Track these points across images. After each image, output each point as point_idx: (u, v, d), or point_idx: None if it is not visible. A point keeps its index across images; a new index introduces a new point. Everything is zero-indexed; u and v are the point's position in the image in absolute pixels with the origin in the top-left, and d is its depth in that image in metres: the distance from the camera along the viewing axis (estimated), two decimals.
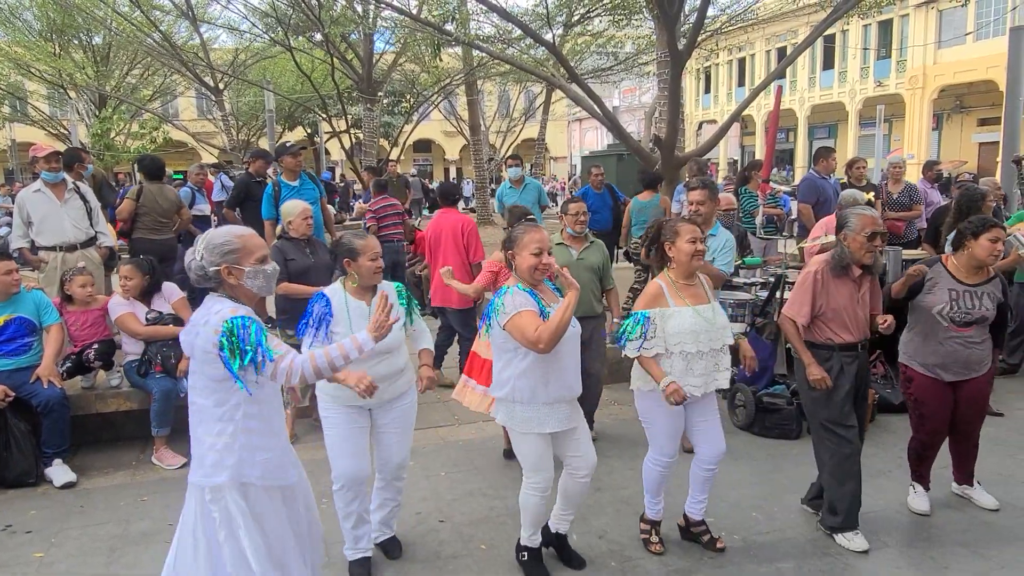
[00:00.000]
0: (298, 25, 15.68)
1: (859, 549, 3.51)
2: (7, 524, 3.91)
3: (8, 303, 4.49)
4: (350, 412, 3.23)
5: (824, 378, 3.51)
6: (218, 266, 2.40)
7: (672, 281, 3.41)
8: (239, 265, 2.42)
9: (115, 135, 20.05)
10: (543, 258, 3.07)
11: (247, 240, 2.47)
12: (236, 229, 2.54)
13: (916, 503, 3.94)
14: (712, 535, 3.60)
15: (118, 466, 4.67)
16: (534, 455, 3.16)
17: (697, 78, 36.53)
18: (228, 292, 2.45)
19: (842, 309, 3.54)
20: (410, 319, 3.37)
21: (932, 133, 28.67)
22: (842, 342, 3.56)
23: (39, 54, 19.65)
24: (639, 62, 18.91)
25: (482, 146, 19.64)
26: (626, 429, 5.14)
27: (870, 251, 3.45)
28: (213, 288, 2.45)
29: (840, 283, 3.54)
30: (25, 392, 4.39)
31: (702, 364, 3.34)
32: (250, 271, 2.44)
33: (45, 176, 5.61)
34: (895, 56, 29.28)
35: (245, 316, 2.35)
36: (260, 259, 2.47)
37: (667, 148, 7.46)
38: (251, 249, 2.45)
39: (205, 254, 2.40)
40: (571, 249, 4.60)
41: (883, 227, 3.51)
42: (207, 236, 2.46)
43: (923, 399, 3.82)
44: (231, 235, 2.46)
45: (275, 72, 21.94)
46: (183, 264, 2.58)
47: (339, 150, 18.80)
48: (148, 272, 4.85)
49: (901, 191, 7.92)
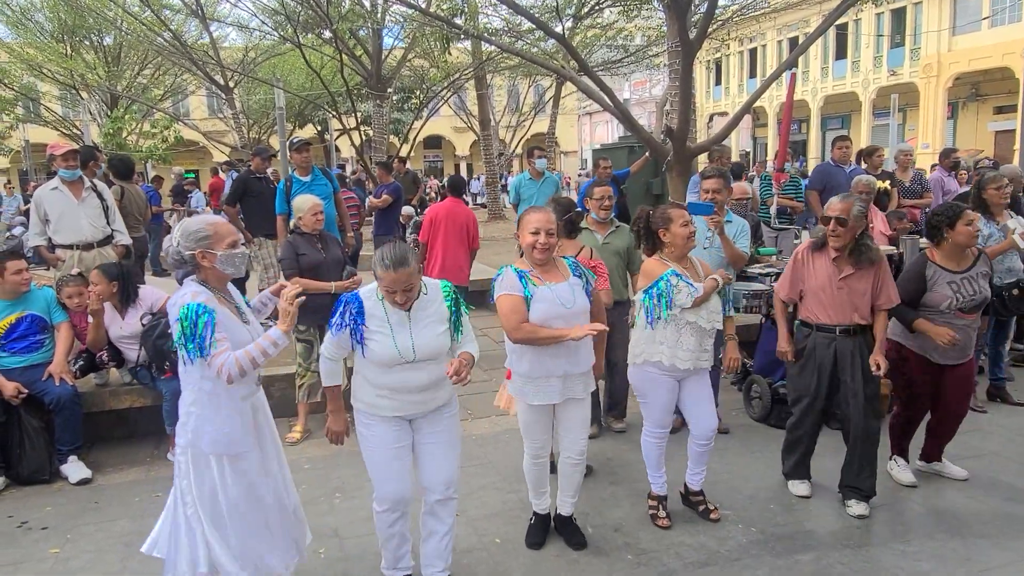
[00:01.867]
0: (307, 22, 15.66)
1: (801, 494, 3.95)
2: (23, 521, 3.92)
3: (19, 301, 4.50)
4: (391, 427, 2.95)
5: (786, 352, 3.91)
6: (193, 251, 2.65)
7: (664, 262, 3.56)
8: (212, 250, 2.67)
9: (127, 135, 20.13)
10: (540, 238, 3.15)
11: (218, 227, 2.72)
12: (209, 217, 2.81)
13: (903, 475, 4.10)
14: (708, 505, 3.76)
15: (132, 462, 4.68)
16: (524, 422, 3.39)
17: (708, 69, 36.31)
18: (201, 276, 2.70)
19: (819, 289, 3.75)
20: (457, 332, 2.98)
21: (947, 122, 28.31)
22: (818, 322, 3.78)
23: (51, 55, 19.77)
24: (649, 54, 18.78)
25: (492, 141, 19.57)
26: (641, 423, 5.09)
27: (831, 234, 3.66)
28: (189, 272, 2.70)
29: (818, 261, 3.78)
30: (37, 389, 4.40)
31: (693, 340, 3.48)
32: (222, 255, 2.68)
33: (62, 174, 5.61)
34: (909, 44, 28.90)
35: (201, 304, 2.57)
36: (231, 244, 2.71)
37: (679, 139, 7.38)
38: (222, 235, 2.70)
39: (181, 241, 2.66)
40: (596, 234, 4.63)
41: (838, 212, 3.63)
42: (182, 224, 2.73)
43: (917, 379, 3.99)
44: (204, 223, 2.72)
45: (285, 70, 21.96)
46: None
47: (349, 147, 18.74)
48: (116, 278, 4.57)
49: (912, 179, 7.82)
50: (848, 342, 3.72)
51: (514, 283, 3.18)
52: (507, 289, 3.18)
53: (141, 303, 4.67)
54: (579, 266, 3.37)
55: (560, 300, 3.17)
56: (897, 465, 4.16)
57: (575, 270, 3.32)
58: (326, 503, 4.03)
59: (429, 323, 2.89)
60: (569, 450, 3.41)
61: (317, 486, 4.23)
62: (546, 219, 3.18)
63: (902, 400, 4.11)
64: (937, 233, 3.87)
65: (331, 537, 3.66)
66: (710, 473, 4.27)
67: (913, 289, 3.89)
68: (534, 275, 3.22)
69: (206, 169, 30.24)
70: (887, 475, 4.13)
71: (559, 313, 3.16)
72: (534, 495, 3.56)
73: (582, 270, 3.35)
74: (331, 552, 3.52)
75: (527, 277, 3.20)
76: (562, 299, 3.18)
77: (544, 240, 3.14)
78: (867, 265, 3.67)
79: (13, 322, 4.47)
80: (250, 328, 2.82)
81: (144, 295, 4.72)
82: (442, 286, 3.01)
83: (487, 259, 10.73)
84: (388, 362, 2.84)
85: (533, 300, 3.16)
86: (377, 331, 2.83)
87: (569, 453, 3.42)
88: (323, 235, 5.01)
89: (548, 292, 3.17)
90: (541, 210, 3.26)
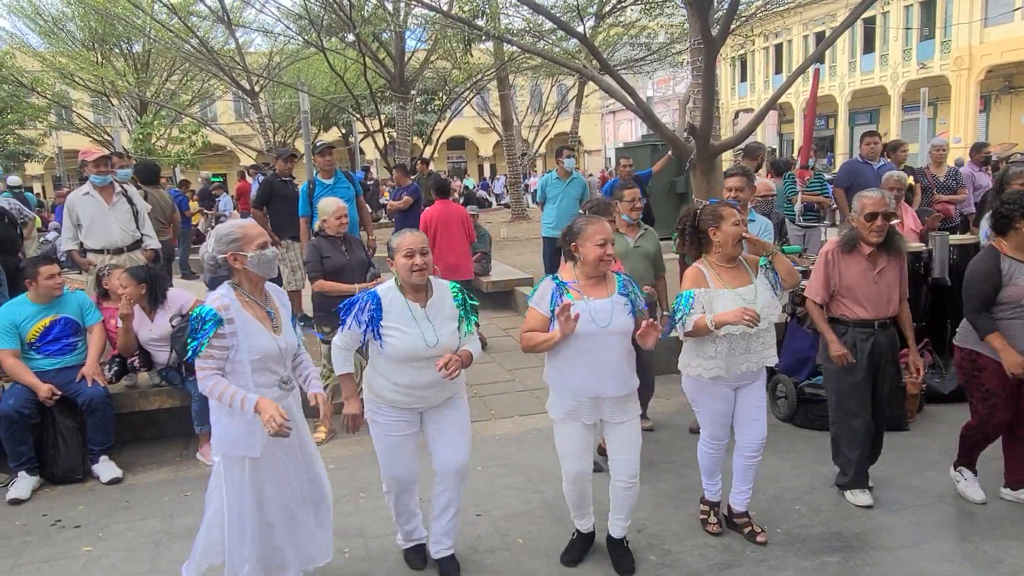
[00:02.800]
0: (331, 26, 15.80)
1: (863, 504, 3.78)
2: (56, 519, 4.01)
3: (53, 304, 4.60)
4: (399, 416, 3.11)
5: (845, 354, 3.69)
6: (224, 254, 2.74)
7: (711, 265, 3.38)
8: (242, 251, 2.75)
9: (156, 140, 20.48)
10: (607, 248, 3.06)
11: (247, 229, 2.80)
12: (238, 221, 2.91)
13: (972, 491, 3.82)
14: (754, 527, 3.54)
15: (161, 462, 4.77)
16: (560, 443, 3.25)
17: (732, 66, 35.94)
18: (235, 279, 2.80)
19: (855, 286, 3.70)
20: (468, 326, 3.13)
21: (980, 115, 27.71)
22: (855, 318, 3.72)
23: (82, 63, 20.19)
24: (672, 51, 18.64)
25: (515, 141, 19.57)
26: (665, 421, 5.08)
27: (874, 231, 3.58)
28: (224, 277, 2.80)
29: (851, 261, 3.70)
30: (71, 391, 4.50)
31: (745, 344, 3.32)
32: (252, 257, 2.76)
33: (94, 179, 5.72)
34: (939, 36, 28.33)
35: (212, 310, 2.66)
36: (260, 245, 2.78)
37: (702, 137, 7.31)
38: (251, 237, 2.78)
39: (214, 245, 2.76)
40: (627, 238, 4.58)
41: (886, 207, 3.57)
42: (216, 230, 2.83)
43: (995, 389, 3.65)
44: (233, 227, 2.81)
45: (309, 74, 22.16)
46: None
47: (373, 149, 18.86)
48: (144, 281, 4.68)
49: (947, 174, 7.67)
50: (884, 335, 3.76)
51: (544, 296, 3.12)
52: (535, 302, 3.17)
53: (170, 305, 4.76)
54: (630, 285, 3.19)
55: (592, 317, 3.03)
56: (964, 478, 3.88)
57: (623, 288, 3.16)
58: (351, 503, 4.06)
59: (445, 320, 3.08)
60: (620, 473, 3.21)
61: (342, 486, 4.26)
62: (609, 230, 3.14)
63: (979, 412, 3.75)
64: (1007, 224, 3.54)
65: (356, 536, 3.69)
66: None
67: (989, 288, 3.55)
68: (575, 288, 3.10)
69: (233, 173, 30.63)
70: (922, 477, 4.07)
71: (589, 330, 3.02)
72: (574, 513, 3.40)
73: (631, 289, 3.18)
74: (355, 551, 3.55)
75: (567, 289, 3.09)
76: (596, 316, 3.04)
77: (610, 251, 3.07)
78: (896, 255, 3.71)
79: (47, 325, 4.57)
80: (279, 338, 2.84)
81: (173, 297, 4.81)
82: (450, 286, 3.18)
83: (510, 259, 10.75)
84: (408, 356, 2.97)
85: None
86: (396, 326, 2.97)
87: (620, 476, 3.21)
88: (347, 237, 5.05)
89: (583, 306, 3.04)
90: (602, 221, 3.15)
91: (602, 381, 3.07)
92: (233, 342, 2.70)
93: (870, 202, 3.60)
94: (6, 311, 4.54)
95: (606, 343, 3.05)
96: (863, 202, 3.62)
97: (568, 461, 3.22)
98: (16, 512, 4.12)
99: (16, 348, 4.46)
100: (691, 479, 4.21)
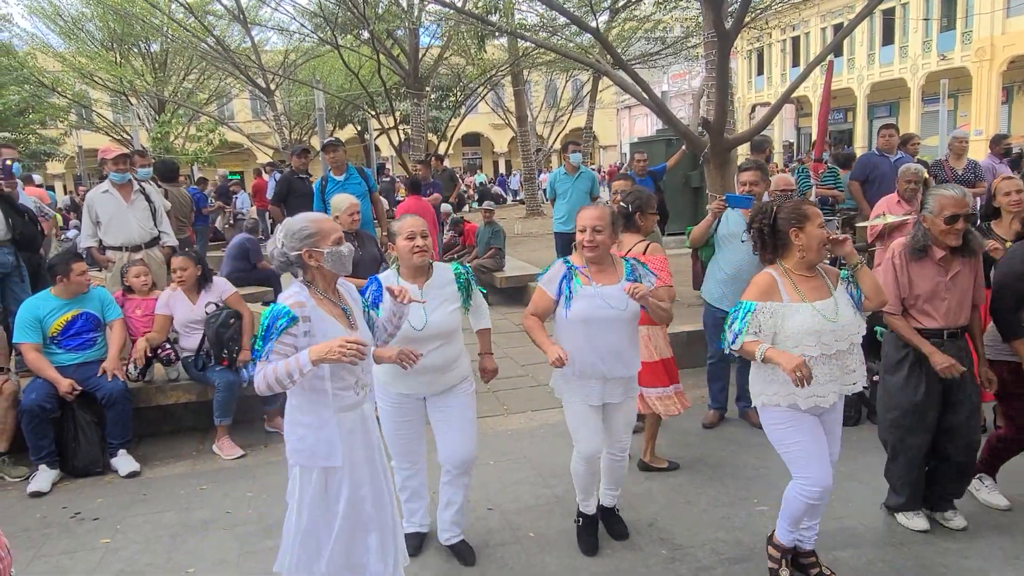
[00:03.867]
0: (345, 23, 15.86)
1: (920, 528, 3.48)
2: (76, 512, 4.08)
3: (74, 300, 4.67)
4: (401, 402, 3.25)
5: (953, 364, 3.23)
6: (299, 251, 2.53)
7: (787, 272, 2.94)
8: (318, 248, 2.55)
9: (174, 138, 20.72)
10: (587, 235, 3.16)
11: (322, 224, 2.59)
12: (311, 215, 2.66)
13: (994, 498, 3.73)
14: (823, 570, 3.13)
15: (178, 456, 4.83)
16: (572, 423, 3.30)
17: (749, 59, 35.65)
18: (307, 276, 2.59)
19: (925, 293, 3.33)
20: (466, 305, 3.27)
21: (1002, 107, 27.29)
22: (921, 328, 3.36)
23: (101, 63, 20.44)
24: (688, 45, 18.53)
25: (529, 137, 19.55)
26: (675, 418, 5.01)
27: (953, 234, 3.20)
28: (294, 273, 2.61)
29: (921, 266, 3.33)
30: (91, 385, 4.57)
31: (827, 369, 2.86)
32: (328, 253, 2.56)
33: (113, 177, 5.79)
34: (960, 27, 27.90)
35: (286, 308, 2.45)
36: (336, 241, 2.58)
37: (716, 131, 7.27)
38: (327, 232, 2.57)
39: (286, 241, 2.54)
40: None
41: (968, 208, 3.20)
42: (286, 224, 2.59)
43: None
44: (307, 221, 2.59)
45: (324, 71, 22.30)
46: None
47: (388, 146, 18.92)
48: (199, 263, 4.96)
49: (965, 167, 7.56)
50: (954, 346, 3.36)
51: (553, 279, 3.21)
52: (543, 283, 3.27)
53: (212, 290, 4.97)
54: (638, 268, 3.22)
55: (606, 301, 3.10)
56: (985, 486, 3.77)
57: (631, 273, 3.19)
58: None
59: (442, 302, 3.17)
60: (612, 447, 3.40)
61: None
62: (594, 216, 3.13)
63: (1018, 424, 3.60)
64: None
65: None
66: (749, 468, 4.24)
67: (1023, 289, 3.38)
68: (584, 272, 3.18)
69: (250, 170, 30.90)
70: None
71: (603, 315, 3.10)
72: (581, 495, 3.46)
73: (640, 273, 3.20)
74: None
75: (577, 274, 3.18)
76: (609, 301, 3.11)
77: (591, 237, 3.11)
78: (972, 257, 3.34)
79: (69, 320, 4.64)
80: (357, 334, 2.83)
81: (216, 283, 5.04)
82: (453, 267, 3.29)
83: (524, 255, 10.76)
84: (402, 336, 3.01)
85: (575, 298, 3.14)
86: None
87: (612, 450, 3.41)
88: (360, 233, 5.11)
89: (592, 291, 3.13)
90: (593, 207, 3.24)
91: (612, 362, 3.17)
92: (307, 342, 2.46)
93: (951, 202, 3.18)
94: (30, 305, 4.62)
95: (617, 327, 3.15)
96: (942, 202, 3.20)
97: (581, 439, 3.27)
98: (37, 504, 4.20)
99: (39, 342, 4.54)
100: (702, 474, 4.21)
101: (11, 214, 5.40)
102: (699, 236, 4.71)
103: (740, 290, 4.68)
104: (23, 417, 4.39)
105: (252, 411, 5.27)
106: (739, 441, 4.65)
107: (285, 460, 2.68)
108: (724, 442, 4.67)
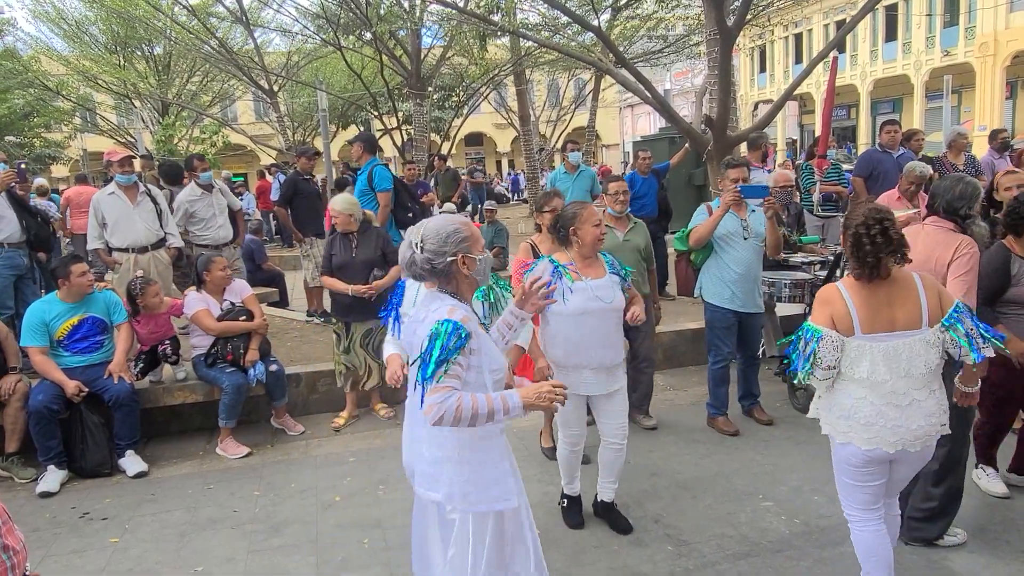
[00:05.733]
0: (347, 24, 15.88)
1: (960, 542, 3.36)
2: (85, 512, 4.11)
3: (81, 303, 4.70)
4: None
5: None
6: (454, 256, 2.20)
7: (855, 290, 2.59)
8: (471, 254, 2.23)
9: (178, 141, 20.73)
10: (602, 228, 3.46)
11: (471, 227, 2.28)
12: (458, 217, 2.35)
13: (994, 486, 3.80)
14: None
15: (185, 456, 4.85)
16: (561, 412, 3.23)
17: (751, 56, 35.58)
18: (451, 287, 2.25)
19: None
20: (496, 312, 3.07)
21: (1006, 103, 27.18)
22: None
23: (105, 66, 20.49)
24: (690, 43, 18.50)
25: (532, 136, 19.56)
26: (682, 415, 5.07)
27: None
28: (437, 283, 2.26)
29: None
30: (98, 387, 4.59)
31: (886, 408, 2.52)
32: (480, 260, 2.26)
33: (119, 179, 5.82)
34: (963, 22, 27.81)
35: (459, 323, 2.11)
36: (483, 248, 2.32)
37: (719, 129, 7.28)
38: (477, 237, 2.28)
39: (434, 245, 2.18)
40: (616, 231, 4.54)
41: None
42: (426, 228, 2.22)
43: (1001, 383, 3.61)
44: (457, 223, 2.25)
45: (327, 72, 22.32)
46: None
47: (391, 147, 18.94)
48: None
49: (964, 162, 7.55)
50: None
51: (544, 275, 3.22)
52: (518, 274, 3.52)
53: (233, 290, 5.09)
54: (616, 264, 3.51)
55: (597, 295, 3.35)
56: (985, 474, 3.85)
57: (612, 267, 3.48)
58: (371, 495, 4.12)
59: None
60: (611, 436, 3.50)
61: (362, 478, 4.33)
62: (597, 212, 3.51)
63: (986, 408, 3.72)
64: (1021, 224, 3.46)
65: (374, 528, 3.74)
66: (753, 464, 4.25)
67: (997, 285, 3.49)
68: (573, 269, 3.35)
69: (254, 172, 30.96)
70: None
71: (595, 307, 3.34)
72: (567, 480, 3.68)
73: (619, 268, 3.50)
74: (374, 542, 3.61)
75: (567, 271, 3.31)
76: (600, 294, 3.36)
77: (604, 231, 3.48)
78: None
79: (76, 324, 4.67)
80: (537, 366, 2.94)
81: (236, 284, 5.16)
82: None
83: None
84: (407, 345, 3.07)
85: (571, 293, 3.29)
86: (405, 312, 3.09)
87: (611, 439, 3.50)
88: (363, 235, 5.02)
89: (583, 285, 3.35)
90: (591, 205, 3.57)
91: (600, 351, 3.36)
92: (477, 361, 2.18)
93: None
94: (36, 309, 4.65)
95: (606, 318, 3.37)
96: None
97: (568, 427, 3.52)
98: (46, 505, 4.23)
99: (45, 345, 4.57)
100: (708, 471, 4.22)
101: (25, 216, 5.43)
102: (706, 234, 4.55)
103: (751, 289, 4.70)
104: (30, 418, 4.43)
105: (258, 410, 5.30)
106: (744, 437, 4.65)
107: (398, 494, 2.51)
108: (729, 439, 4.67)
